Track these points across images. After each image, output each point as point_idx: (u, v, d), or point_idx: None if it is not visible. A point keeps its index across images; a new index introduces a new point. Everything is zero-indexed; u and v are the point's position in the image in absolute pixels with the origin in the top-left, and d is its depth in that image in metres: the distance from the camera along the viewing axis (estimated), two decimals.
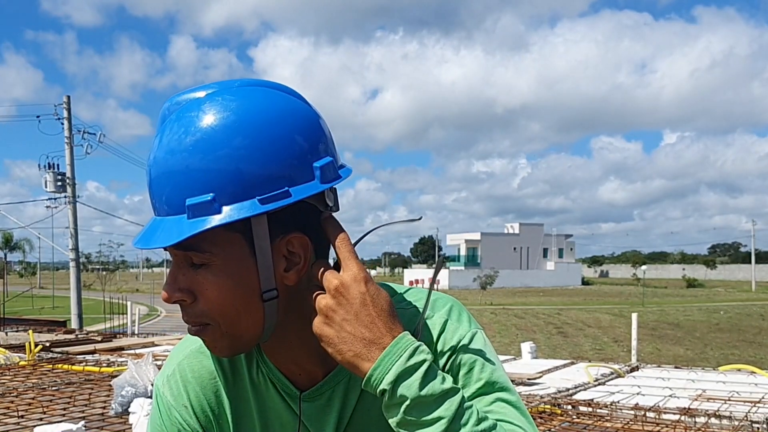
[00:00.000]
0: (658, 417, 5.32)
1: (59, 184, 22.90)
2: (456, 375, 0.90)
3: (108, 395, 5.97)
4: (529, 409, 0.94)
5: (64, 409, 5.56)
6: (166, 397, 1.01)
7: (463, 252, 77.18)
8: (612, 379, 7.43)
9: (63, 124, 22.90)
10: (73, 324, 21.13)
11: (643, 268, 72.73)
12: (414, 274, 70.07)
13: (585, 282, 77.77)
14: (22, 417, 5.26)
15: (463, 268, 71.55)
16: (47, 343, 9.17)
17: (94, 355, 8.91)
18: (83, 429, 4.47)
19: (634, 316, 13.28)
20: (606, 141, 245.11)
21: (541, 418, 5.34)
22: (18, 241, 65.41)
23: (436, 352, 0.91)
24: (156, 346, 9.79)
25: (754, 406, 5.65)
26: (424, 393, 0.79)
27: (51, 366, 7.74)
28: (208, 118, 0.83)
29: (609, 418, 5.33)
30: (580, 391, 6.58)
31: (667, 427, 5.08)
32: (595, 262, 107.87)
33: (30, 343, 8.34)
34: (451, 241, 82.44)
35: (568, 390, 6.52)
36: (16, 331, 12.00)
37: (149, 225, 0.87)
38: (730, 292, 59.38)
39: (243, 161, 0.81)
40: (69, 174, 22.99)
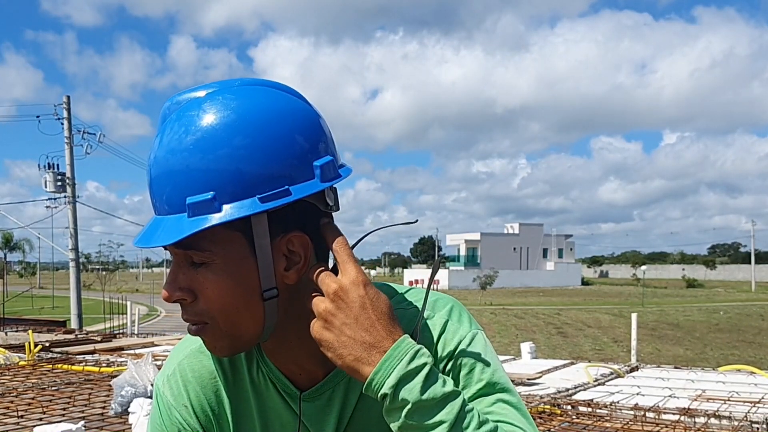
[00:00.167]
0: (657, 417, 5.32)
1: (59, 184, 22.92)
2: (456, 376, 0.90)
3: (108, 395, 5.97)
4: (528, 410, 0.94)
5: (64, 409, 5.55)
6: (166, 396, 1.01)
7: (462, 252, 77.19)
8: (612, 379, 7.42)
9: (63, 124, 22.94)
10: (73, 324, 21.13)
11: (643, 268, 72.74)
12: (414, 274, 70.09)
13: (585, 282, 77.76)
14: (22, 417, 5.26)
15: (462, 268, 71.53)
16: (47, 343, 9.16)
17: (94, 355, 8.89)
18: (83, 429, 4.47)
19: (634, 317, 13.29)
20: (606, 141, 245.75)
21: (540, 418, 5.34)
22: (18, 241, 65.50)
23: (436, 353, 0.91)
24: (156, 346, 9.78)
25: (754, 407, 5.65)
26: (425, 397, 0.79)
27: (51, 366, 7.73)
28: (209, 118, 0.83)
29: (609, 419, 5.33)
30: (579, 391, 6.58)
31: (666, 427, 5.08)
32: (594, 262, 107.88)
33: (30, 343, 8.34)
34: (450, 242, 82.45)
35: (567, 390, 6.51)
36: (16, 331, 11.99)
37: (150, 224, 0.87)
38: (729, 293, 59.38)
39: (243, 160, 0.81)
40: (69, 174, 23.01)
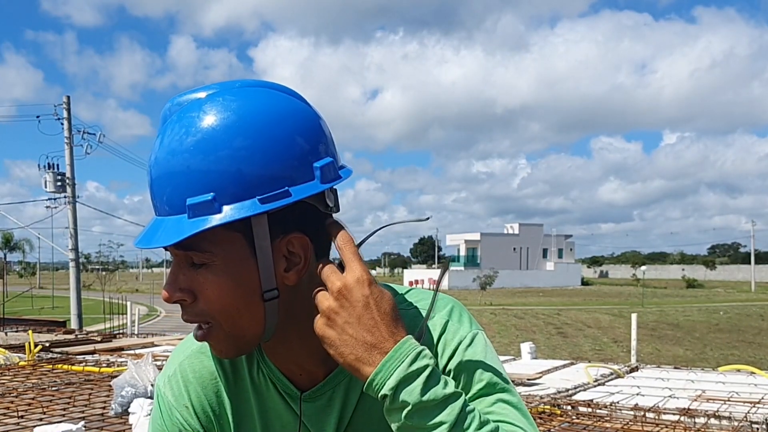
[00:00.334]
0: (657, 417, 5.32)
1: (59, 184, 22.93)
2: (457, 376, 0.90)
3: (108, 395, 5.97)
4: (528, 410, 0.94)
5: (64, 409, 5.55)
6: (167, 397, 1.01)
7: (462, 252, 77.18)
8: (611, 379, 7.42)
9: (63, 124, 22.96)
10: (73, 324, 21.14)
11: (643, 268, 72.75)
12: (414, 274, 70.14)
13: (584, 282, 77.75)
14: (22, 417, 5.26)
15: (462, 268, 71.51)
16: (47, 344, 9.16)
17: (94, 355, 8.89)
18: (83, 429, 4.47)
19: (634, 317, 13.30)
20: (606, 141, 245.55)
21: (540, 418, 5.34)
22: (18, 242, 65.61)
23: (436, 353, 0.91)
24: (156, 346, 9.77)
25: (754, 407, 5.65)
26: (425, 398, 0.79)
27: (51, 366, 7.73)
28: (209, 119, 0.83)
29: (609, 419, 5.33)
30: (579, 391, 6.58)
31: (666, 427, 5.08)
32: (594, 262, 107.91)
33: (30, 343, 8.34)
34: (450, 242, 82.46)
35: (567, 390, 6.51)
36: (16, 332, 11.99)
37: (150, 225, 0.87)
38: (729, 293, 59.38)
39: (244, 161, 0.81)
40: (69, 174, 23.03)
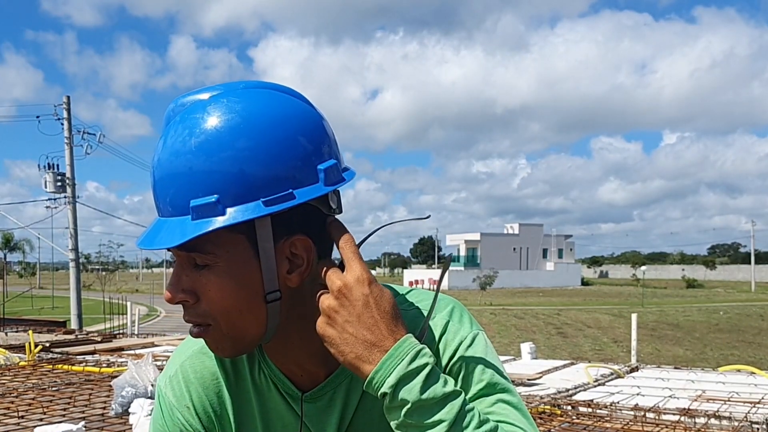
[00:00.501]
0: (657, 417, 5.32)
1: (59, 184, 22.93)
2: (457, 376, 0.90)
3: (108, 396, 5.96)
4: (528, 410, 0.95)
5: (64, 409, 5.55)
6: (168, 397, 1.01)
7: (462, 252, 77.15)
8: (612, 379, 7.42)
9: (63, 124, 22.95)
10: (73, 324, 21.14)
11: (643, 268, 72.71)
12: (414, 274, 70.12)
13: (584, 282, 77.74)
14: (23, 417, 5.26)
15: (462, 268, 71.49)
16: (47, 344, 9.16)
17: (94, 355, 8.89)
18: (83, 429, 4.47)
19: (634, 317, 13.30)
20: (606, 141, 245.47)
21: (540, 418, 5.34)
22: (18, 242, 65.56)
23: (437, 353, 0.91)
24: (156, 346, 9.77)
25: (754, 407, 5.65)
26: (425, 397, 0.79)
27: (51, 366, 7.73)
28: (213, 120, 0.83)
29: (609, 419, 5.33)
30: (579, 391, 6.57)
31: (666, 427, 5.08)
32: (594, 262, 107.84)
33: (30, 343, 8.34)
34: (450, 242, 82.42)
35: (567, 390, 6.51)
36: (16, 332, 12.00)
37: (153, 226, 0.87)
38: (729, 293, 59.36)
39: (247, 163, 0.81)
40: (69, 174, 23.02)
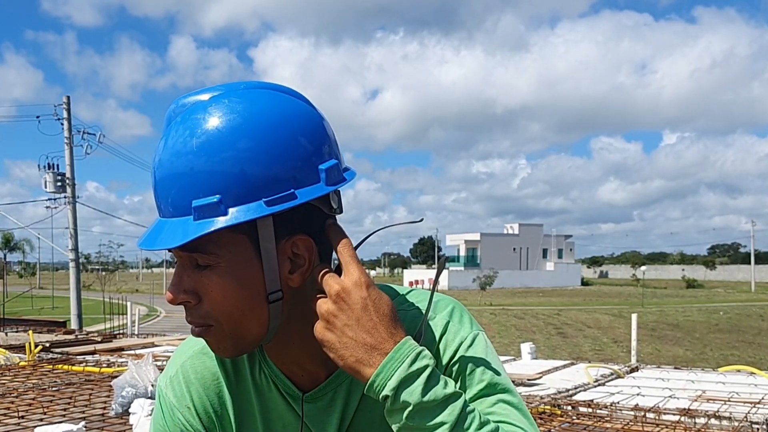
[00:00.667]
0: (657, 418, 5.32)
1: (59, 184, 22.93)
2: (457, 377, 0.90)
3: (108, 396, 5.96)
4: (529, 410, 0.95)
5: (65, 409, 5.55)
6: (169, 398, 1.01)
7: (462, 252, 77.16)
8: (612, 379, 7.42)
9: (63, 124, 22.96)
10: (73, 324, 21.13)
11: (643, 268, 72.68)
12: (413, 274, 70.15)
13: (584, 282, 77.70)
14: (23, 417, 5.26)
15: (462, 268, 71.50)
16: (47, 344, 9.15)
17: (94, 355, 8.88)
18: (83, 429, 4.47)
19: (634, 317, 13.31)
20: (606, 141, 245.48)
21: (541, 418, 5.34)
22: (18, 242, 65.62)
23: (437, 353, 0.91)
24: (156, 346, 9.76)
25: (754, 407, 5.64)
26: (426, 399, 0.79)
27: (51, 366, 7.72)
28: (214, 121, 0.83)
29: (609, 419, 5.33)
30: (579, 391, 6.57)
31: (666, 427, 5.08)
32: (594, 262, 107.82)
33: (30, 343, 8.34)
34: (450, 242, 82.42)
35: (567, 391, 6.51)
36: (16, 332, 11.99)
37: (154, 226, 0.87)
38: (729, 293, 59.34)
39: (248, 163, 0.82)
40: (69, 174, 23.02)
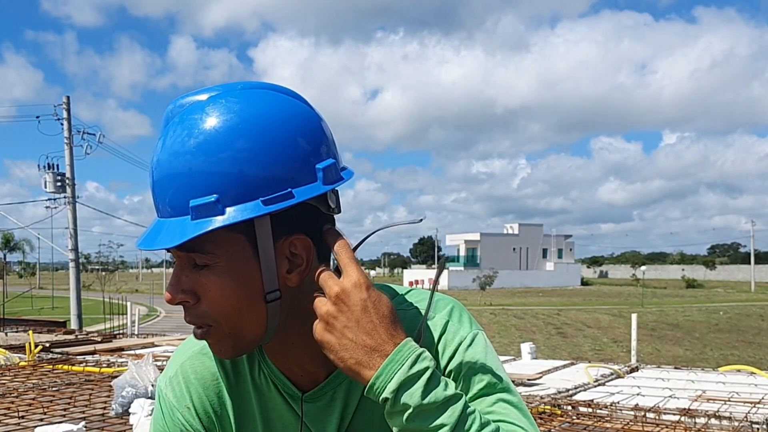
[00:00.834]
0: (658, 417, 5.32)
1: (59, 184, 22.95)
2: (457, 376, 0.90)
3: (108, 396, 5.96)
4: (529, 410, 0.95)
5: (65, 409, 5.55)
6: (168, 398, 1.01)
7: (462, 252, 77.17)
8: (612, 379, 7.42)
9: (63, 124, 22.98)
10: (73, 324, 21.14)
11: (643, 268, 72.68)
12: (413, 274, 70.16)
13: (584, 282, 77.71)
14: (23, 417, 5.26)
15: (462, 268, 71.51)
16: (47, 344, 9.15)
17: (94, 355, 8.88)
18: (84, 430, 4.47)
19: (634, 317, 13.30)
20: (606, 141, 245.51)
21: (541, 418, 5.34)
22: (18, 242, 65.66)
23: (437, 353, 0.91)
24: (156, 346, 9.77)
25: (754, 407, 5.64)
26: (426, 401, 0.79)
27: (51, 366, 7.73)
28: (211, 121, 0.83)
29: (609, 419, 5.33)
30: (579, 391, 6.57)
31: (667, 427, 5.08)
32: (594, 262, 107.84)
33: (30, 343, 8.34)
34: (450, 242, 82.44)
35: (567, 390, 6.51)
36: (16, 332, 12.00)
37: (152, 226, 0.87)
38: (729, 293, 59.34)
39: (246, 163, 0.82)
40: (68, 174, 23.04)
